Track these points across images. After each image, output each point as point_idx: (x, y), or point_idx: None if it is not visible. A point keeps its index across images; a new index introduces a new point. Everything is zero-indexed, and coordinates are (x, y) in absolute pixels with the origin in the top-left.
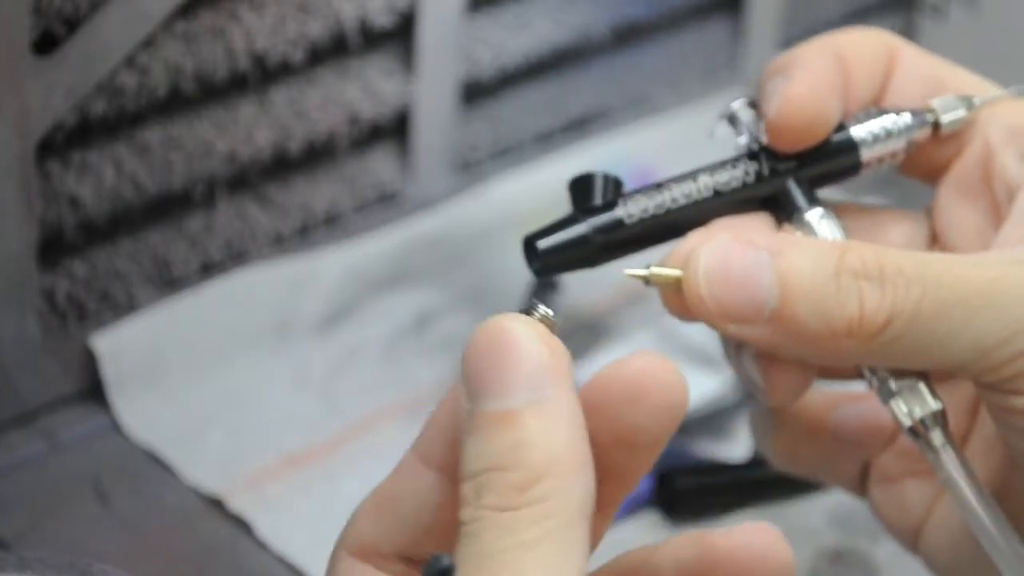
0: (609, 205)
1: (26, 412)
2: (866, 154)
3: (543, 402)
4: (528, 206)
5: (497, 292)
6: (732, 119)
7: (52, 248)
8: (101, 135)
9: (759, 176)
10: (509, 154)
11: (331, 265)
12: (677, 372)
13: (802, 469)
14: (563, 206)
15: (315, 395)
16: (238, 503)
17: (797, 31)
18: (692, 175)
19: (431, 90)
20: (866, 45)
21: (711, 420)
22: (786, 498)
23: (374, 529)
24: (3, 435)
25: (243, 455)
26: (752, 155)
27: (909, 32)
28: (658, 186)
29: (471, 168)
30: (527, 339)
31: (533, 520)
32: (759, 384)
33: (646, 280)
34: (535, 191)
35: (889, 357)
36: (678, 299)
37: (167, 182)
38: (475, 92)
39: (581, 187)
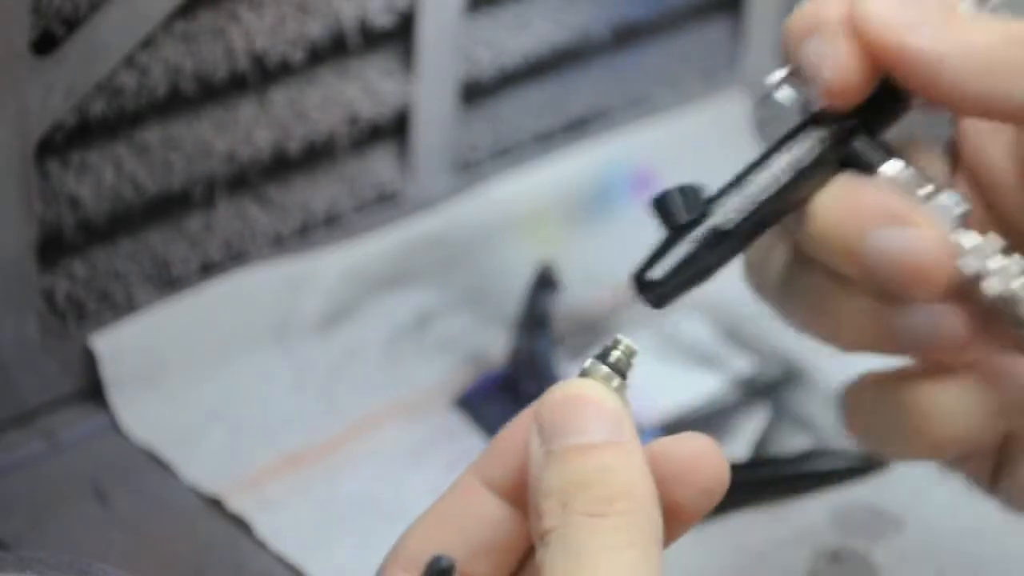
0: (702, 216)
1: (26, 412)
2: None
3: (620, 441)
4: (528, 206)
5: (497, 292)
6: (772, 98)
7: (52, 248)
8: (101, 135)
9: (833, 137)
10: (509, 154)
11: (331, 265)
12: (723, 459)
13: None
14: (562, 206)
15: (315, 395)
16: (238, 503)
17: None
18: (765, 158)
19: (431, 90)
20: None
21: (711, 420)
22: (786, 498)
23: (429, 545)
24: (3, 435)
25: (243, 455)
26: (814, 120)
27: None
28: (738, 180)
29: (471, 168)
30: (602, 393)
31: (621, 529)
32: (944, 330)
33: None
34: (535, 191)
35: None
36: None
37: (167, 182)
38: (475, 92)
39: (664, 207)
